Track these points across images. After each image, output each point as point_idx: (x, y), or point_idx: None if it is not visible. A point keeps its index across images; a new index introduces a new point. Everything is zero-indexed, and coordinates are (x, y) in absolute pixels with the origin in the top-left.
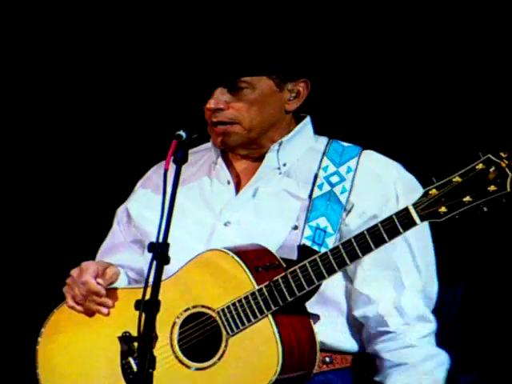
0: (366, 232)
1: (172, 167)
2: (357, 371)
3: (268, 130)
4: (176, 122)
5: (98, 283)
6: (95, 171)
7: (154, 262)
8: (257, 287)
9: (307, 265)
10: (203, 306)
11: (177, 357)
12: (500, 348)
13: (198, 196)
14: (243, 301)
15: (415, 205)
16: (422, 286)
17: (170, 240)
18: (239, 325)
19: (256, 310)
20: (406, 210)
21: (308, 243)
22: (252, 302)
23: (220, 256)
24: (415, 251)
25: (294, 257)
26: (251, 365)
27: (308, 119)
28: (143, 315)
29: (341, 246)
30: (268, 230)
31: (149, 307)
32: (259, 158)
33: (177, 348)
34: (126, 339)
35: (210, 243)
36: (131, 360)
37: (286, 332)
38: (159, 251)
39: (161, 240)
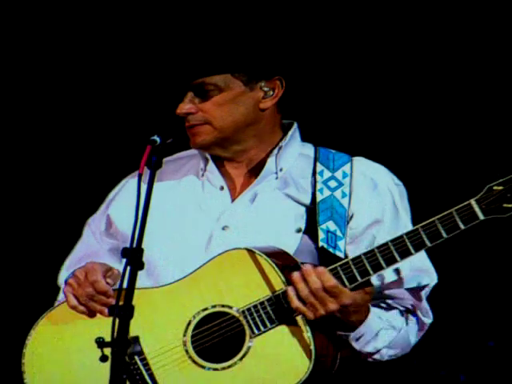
0: (420, 229)
1: (147, 172)
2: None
3: (244, 128)
4: (152, 130)
5: (108, 283)
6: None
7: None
8: (288, 286)
9: (350, 263)
10: (224, 306)
11: (190, 357)
12: None
13: (191, 202)
14: (274, 299)
15: (478, 200)
16: None
17: (167, 244)
18: (267, 324)
19: (288, 309)
20: (469, 205)
21: (325, 245)
22: (283, 300)
23: (246, 255)
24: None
25: (299, 259)
26: (279, 364)
27: (296, 125)
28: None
29: (390, 243)
30: (270, 233)
31: (122, 312)
32: (250, 163)
33: (190, 348)
34: (99, 344)
35: (209, 247)
36: (137, 360)
37: (317, 331)
38: (133, 256)
39: (135, 245)
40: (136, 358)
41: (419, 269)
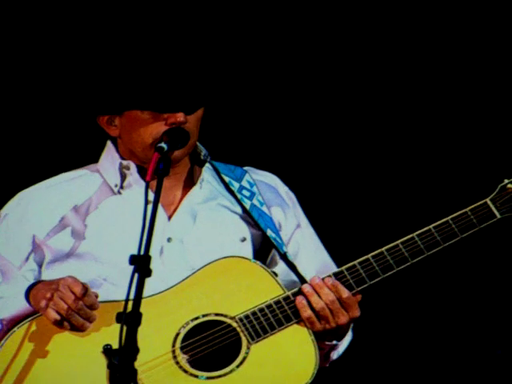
0: (433, 229)
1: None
2: None
3: None
4: None
5: (96, 295)
6: None
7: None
8: (288, 292)
9: (357, 266)
10: (217, 314)
11: (181, 367)
12: None
13: (123, 219)
14: (274, 306)
15: (493, 199)
16: None
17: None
18: (268, 330)
19: (291, 314)
20: (485, 204)
21: (286, 252)
22: (286, 306)
23: (240, 263)
24: None
25: None
26: (281, 370)
27: None
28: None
29: (401, 245)
30: (216, 244)
31: (130, 320)
32: (175, 177)
33: (181, 359)
34: (107, 352)
35: (163, 258)
36: None
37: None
38: (141, 263)
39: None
40: None
41: None
